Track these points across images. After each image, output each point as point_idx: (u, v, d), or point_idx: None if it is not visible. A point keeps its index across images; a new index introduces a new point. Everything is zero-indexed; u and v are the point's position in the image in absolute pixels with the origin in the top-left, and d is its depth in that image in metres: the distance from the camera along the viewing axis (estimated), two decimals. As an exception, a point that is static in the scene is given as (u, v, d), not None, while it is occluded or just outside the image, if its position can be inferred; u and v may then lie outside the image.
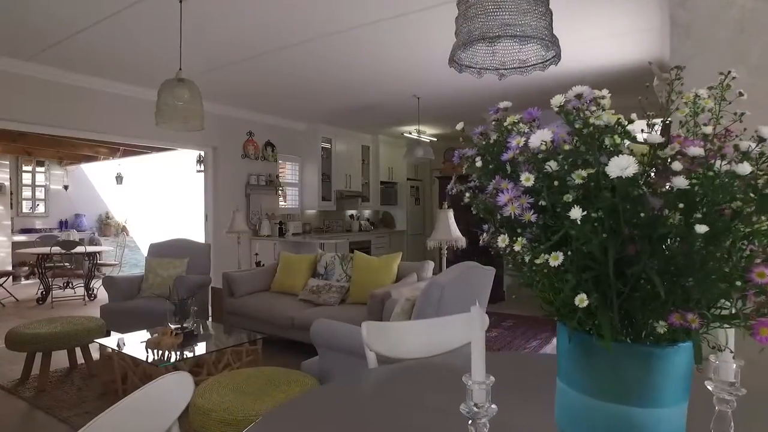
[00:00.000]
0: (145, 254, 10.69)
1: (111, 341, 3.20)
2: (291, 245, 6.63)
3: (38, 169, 9.45)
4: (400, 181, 9.29)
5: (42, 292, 6.65)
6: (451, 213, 3.68)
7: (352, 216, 8.49)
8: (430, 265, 4.19)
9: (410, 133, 8.26)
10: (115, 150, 8.33)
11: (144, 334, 3.44)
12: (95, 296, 6.91)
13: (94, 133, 5.18)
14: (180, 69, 3.10)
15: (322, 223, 7.98)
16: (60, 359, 3.73)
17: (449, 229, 3.61)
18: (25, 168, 9.24)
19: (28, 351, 3.32)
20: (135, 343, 3.22)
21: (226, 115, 6.26)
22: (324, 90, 5.52)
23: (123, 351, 2.99)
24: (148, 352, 2.90)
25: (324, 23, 3.64)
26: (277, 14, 3.45)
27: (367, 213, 9.03)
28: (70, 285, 7.27)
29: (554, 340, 4.35)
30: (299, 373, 2.45)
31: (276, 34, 3.85)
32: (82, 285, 6.84)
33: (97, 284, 7.20)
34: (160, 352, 2.86)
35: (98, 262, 7.11)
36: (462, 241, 3.63)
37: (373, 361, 1.58)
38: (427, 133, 8.40)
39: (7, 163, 8.72)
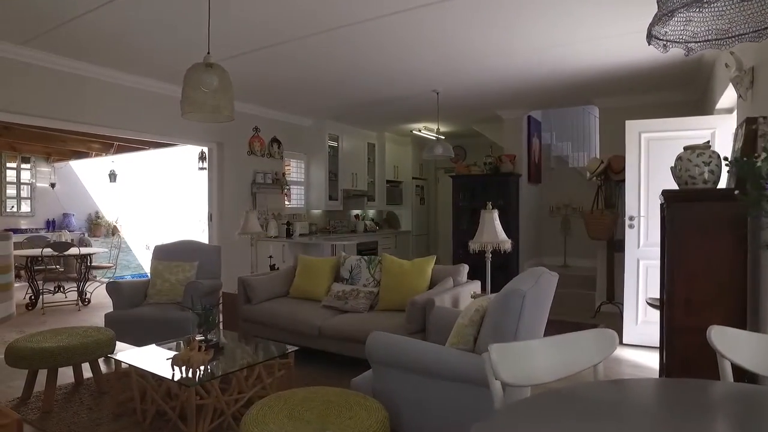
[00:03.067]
0: (138, 256, 10.32)
1: (129, 356, 2.87)
2: (300, 247, 6.32)
3: (23, 165, 8.94)
4: (406, 180, 9.03)
5: (31, 297, 6.22)
6: (496, 213, 3.43)
7: (357, 216, 8.20)
8: (465, 268, 3.94)
9: (419, 131, 8.00)
10: (108, 146, 7.89)
11: (161, 348, 3.12)
12: (89, 301, 6.49)
13: (90, 125, 4.78)
14: (208, 53, 2.77)
15: (327, 223, 7.67)
16: (64, 373, 3.36)
17: (495, 230, 3.35)
18: (9, 165, 8.72)
19: (32, 368, 2.96)
20: (153, 358, 2.90)
21: (232, 109, 5.92)
22: (339, 83, 5.22)
23: (144, 369, 2.66)
24: (174, 369, 2.58)
25: (352, 10, 3.37)
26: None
27: (371, 213, 8.74)
28: (62, 289, 6.83)
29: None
30: (358, 395, 2.16)
31: (302, 20, 3.56)
32: (74, 289, 6.41)
33: (90, 288, 6.78)
34: (190, 369, 2.54)
35: (91, 264, 6.69)
36: (508, 244, 3.38)
37: (499, 396, 1.31)
38: (435, 130, 8.14)
39: (-9, 159, 8.23)
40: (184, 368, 2.57)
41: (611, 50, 4.27)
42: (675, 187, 2.74)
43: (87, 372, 3.44)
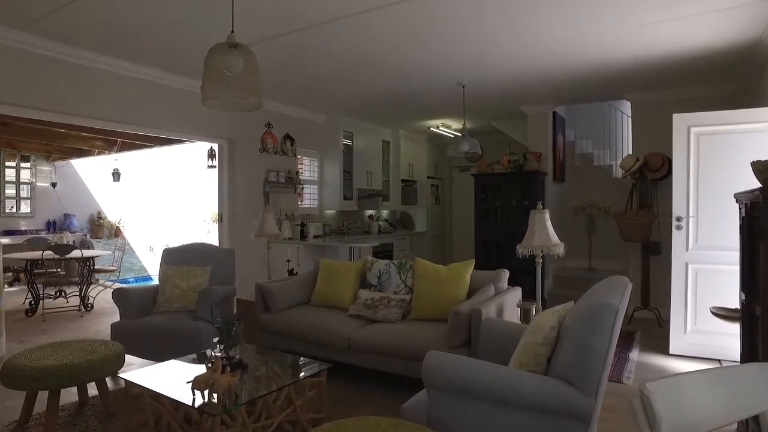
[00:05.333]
0: (141, 258, 9.98)
1: (141, 377, 2.53)
2: (315, 249, 5.98)
3: (23, 164, 8.59)
4: (420, 180, 8.69)
5: (31, 302, 5.88)
6: (547, 214, 3.09)
7: (371, 216, 7.85)
8: (505, 274, 3.60)
9: (437, 128, 7.66)
10: (111, 143, 7.55)
11: (177, 364, 2.78)
12: (92, 306, 6.15)
13: (90, 119, 4.39)
14: (232, 32, 2.44)
15: (341, 224, 7.33)
16: (68, 391, 3.02)
17: (548, 233, 3.01)
18: (8, 163, 8.38)
19: (31, 389, 2.62)
20: (168, 377, 2.56)
21: (244, 103, 5.58)
22: (359, 75, 4.87)
23: (160, 392, 2.33)
24: (195, 394, 2.24)
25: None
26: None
27: (384, 213, 8.40)
28: (63, 294, 6.49)
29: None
30: (418, 429, 1.82)
31: (326, 3, 3.22)
32: (76, 294, 6.07)
33: (93, 292, 6.45)
34: (214, 394, 2.20)
35: (94, 267, 6.35)
36: (561, 248, 3.04)
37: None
38: (452, 127, 7.81)
39: (-11, 157, 7.89)
40: (206, 392, 2.23)
41: (649, 39, 3.95)
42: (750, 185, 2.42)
43: (92, 389, 3.11)
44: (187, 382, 2.26)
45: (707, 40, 3.98)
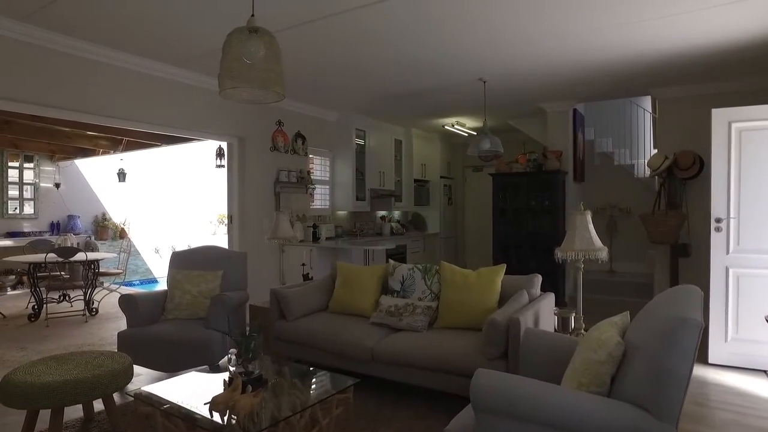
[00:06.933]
0: (146, 260, 9.78)
1: (152, 394, 2.30)
2: (329, 252, 5.75)
3: (26, 164, 8.39)
4: (433, 180, 8.45)
5: (34, 306, 5.67)
6: (589, 216, 2.85)
7: (383, 218, 7.62)
8: (538, 279, 3.36)
9: (452, 126, 7.42)
10: (116, 142, 7.35)
11: (189, 379, 2.56)
12: (97, 311, 5.94)
13: (93, 115, 4.08)
14: (252, 15, 2.22)
15: (353, 225, 7.10)
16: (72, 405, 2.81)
17: (590, 236, 2.77)
18: (11, 164, 8.18)
19: (32, 407, 2.40)
20: (182, 393, 2.34)
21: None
22: (376, 68, 4.61)
23: (174, 414, 2.10)
24: (213, 416, 2.02)
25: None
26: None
27: (396, 214, 8.17)
28: (67, 298, 6.28)
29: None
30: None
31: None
32: (81, 298, 5.86)
33: (97, 296, 6.24)
34: (233, 416, 1.98)
35: (99, 270, 6.13)
36: (605, 252, 2.80)
37: None
38: (467, 126, 7.58)
39: (-9, 157, 7.69)
40: (226, 415, 2.00)
41: (681, 30, 3.71)
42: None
43: (98, 403, 2.89)
44: (205, 404, 2.03)
45: (745, 29, 3.72)
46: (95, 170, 9.28)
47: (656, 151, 6.34)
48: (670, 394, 1.57)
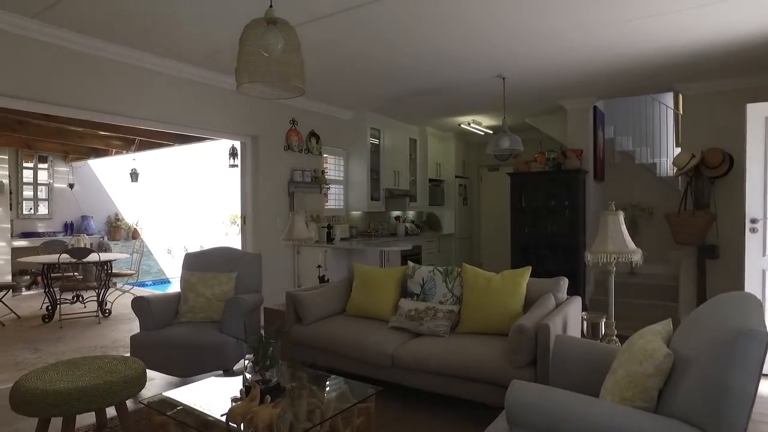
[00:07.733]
0: (159, 260, 9.76)
1: (166, 403, 2.21)
2: (344, 253, 5.64)
3: (40, 165, 8.41)
4: (448, 179, 8.31)
5: (48, 307, 5.64)
6: (622, 216, 2.70)
7: (397, 218, 7.50)
8: (565, 282, 3.22)
9: (468, 125, 7.28)
10: (129, 142, 7.31)
11: (204, 386, 2.47)
12: (110, 312, 5.90)
13: (104, 114, 4.00)
14: (271, 6, 2.11)
15: (368, 226, 6.99)
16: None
17: (623, 238, 2.63)
18: (25, 164, 8.19)
19: (44, 415, 2.31)
20: (198, 401, 2.24)
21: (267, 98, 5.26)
22: (393, 63, 4.48)
23: (190, 424, 2.00)
24: (230, 426, 1.91)
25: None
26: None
27: (411, 214, 8.04)
28: (80, 299, 6.26)
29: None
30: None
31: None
32: (94, 298, 5.82)
33: (110, 297, 6.21)
34: (251, 428, 1.87)
35: (112, 271, 6.09)
36: (639, 255, 2.65)
37: None
38: (483, 124, 7.43)
39: (6, 157, 7.69)
40: (243, 426, 1.89)
41: (712, 21, 3.54)
42: None
43: (111, 409, 2.80)
44: (222, 415, 1.93)
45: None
46: (108, 170, 9.28)
47: (679, 149, 6.15)
48: (730, 413, 1.43)
